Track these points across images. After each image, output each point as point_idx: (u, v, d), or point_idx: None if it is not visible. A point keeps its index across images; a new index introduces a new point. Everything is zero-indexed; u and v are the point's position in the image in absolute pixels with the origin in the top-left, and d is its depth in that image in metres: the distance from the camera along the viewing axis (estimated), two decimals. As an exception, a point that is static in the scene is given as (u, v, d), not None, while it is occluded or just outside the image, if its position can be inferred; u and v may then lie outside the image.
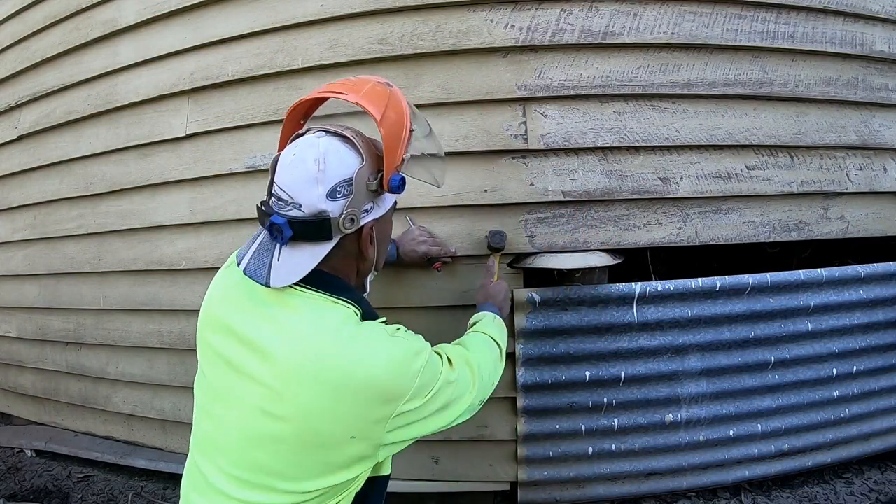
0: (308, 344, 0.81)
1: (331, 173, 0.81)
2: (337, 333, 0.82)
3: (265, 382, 0.81)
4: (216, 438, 0.89)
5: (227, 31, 1.78)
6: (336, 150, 0.83)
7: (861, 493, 1.79)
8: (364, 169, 0.84)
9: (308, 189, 0.80)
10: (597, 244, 1.57)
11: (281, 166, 0.84)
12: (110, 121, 2.03)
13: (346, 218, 0.82)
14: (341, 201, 0.82)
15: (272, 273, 0.81)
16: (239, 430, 0.84)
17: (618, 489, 1.73)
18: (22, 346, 2.43)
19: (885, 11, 1.72)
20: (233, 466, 0.85)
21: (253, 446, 0.83)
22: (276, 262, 0.82)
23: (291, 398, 0.80)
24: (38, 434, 2.40)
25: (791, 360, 1.69)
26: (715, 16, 1.59)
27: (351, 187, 0.82)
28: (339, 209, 0.82)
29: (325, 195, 0.81)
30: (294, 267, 0.82)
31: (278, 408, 0.80)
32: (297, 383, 0.80)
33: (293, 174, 0.82)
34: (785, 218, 1.65)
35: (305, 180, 0.81)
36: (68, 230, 2.16)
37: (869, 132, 1.71)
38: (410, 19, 1.60)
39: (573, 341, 1.60)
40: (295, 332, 0.82)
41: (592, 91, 1.56)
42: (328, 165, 0.81)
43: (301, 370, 0.80)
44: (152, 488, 2.09)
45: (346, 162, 0.83)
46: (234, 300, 0.89)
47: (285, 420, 0.80)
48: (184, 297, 1.92)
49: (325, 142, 0.84)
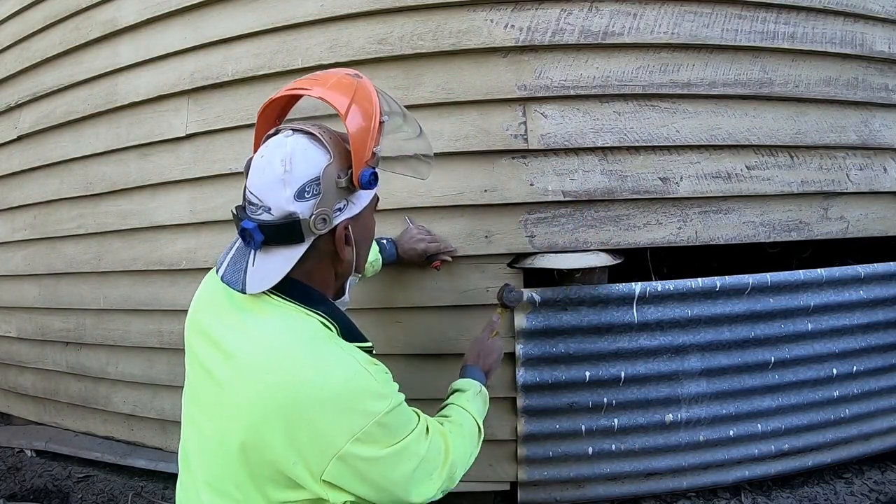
0: (269, 351, 0.78)
1: (297, 173, 0.78)
2: (300, 345, 0.79)
3: (225, 389, 0.80)
4: (197, 446, 0.87)
5: (227, 31, 1.78)
6: (303, 150, 0.81)
7: (861, 493, 1.79)
8: (332, 167, 0.81)
9: (276, 191, 0.78)
10: (597, 244, 1.57)
11: (252, 169, 0.83)
12: (110, 121, 2.03)
13: (317, 218, 0.79)
14: (310, 202, 0.79)
15: (247, 279, 0.80)
16: (214, 437, 0.82)
17: (618, 489, 1.73)
18: (22, 346, 2.43)
19: (885, 11, 1.72)
20: (211, 475, 0.83)
21: (226, 454, 0.80)
22: (250, 268, 0.80)
23: (241, 406, 0.78)
24: (38, 434, 2.40)
25: (791, 360, 1.69)
26: (715, 16, 1.59)
27: (319, 186, 0.79)
28: (308, 210, 0.79)
29: (293, 196, 0.78)
30: (268, 273, 0.80)
31: (230, 417, 0.79)
32: (248, 391, 0.77)
33: (261, 177, 0.80)
34: (785, 218, 1.65)
35: (273, 182, 0.79)
36: (68, 230, 2.16)
37: (869, 132, 1.71)
38: (410, 19, 1.60)
39: (573, 341, 1.60)
40: (259, 337, 0.80)
41: (592, 91, 1.56)
42: (294, 166, 0.78)
43: (254, 374, 0.77)
44: (152, 488, 2.08)
45: (312, 160, 0.80)
46: (215, 305, 0.88)
47: (233, 424, 0.78)
48: (184, 297, 1.92)
49: (291, 141, 0.81)
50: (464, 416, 1.03)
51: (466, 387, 1.12)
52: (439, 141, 1.58)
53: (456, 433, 0.96)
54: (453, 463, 0.91)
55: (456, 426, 0.98)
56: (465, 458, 0.96)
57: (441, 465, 0.89)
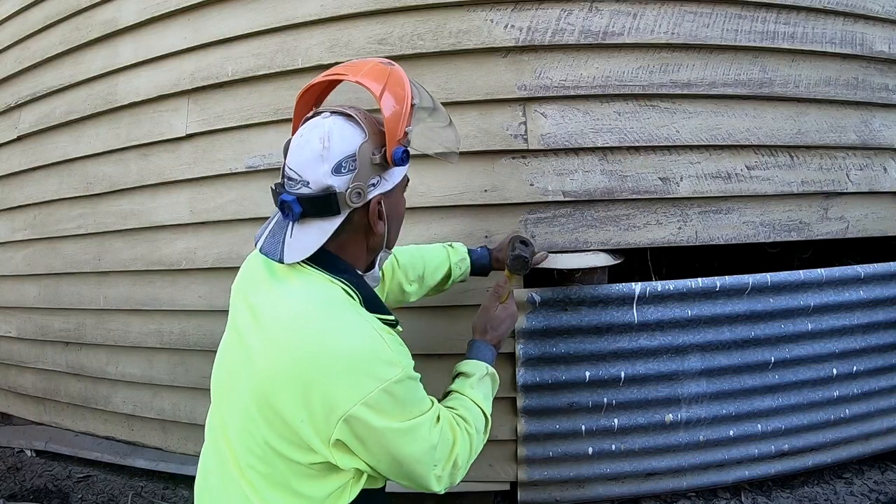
0: (291, 313, 0.84)
1: (335, 150, 0.84)
2: (319, 308, 0.83)
3: (251, 349, 0.85)
4: (224, 409, 0.92)
5: (227, 31, 1.78)
6: (340, 128, 0.86)
7: (861, 493, 1.79)
8: (367, 144, 0.86)
9: (314, 167, 0.84)
10: (597, 244, 1.57)
11: (291, 149, 0.88)
12: (110, 121, 2.03)
13: (353, 192, 0.84)
14: (346, 176, 0.84)
15: (285, 249, 0.85)
16: (238, 398, 0.87)
17: (618, 489, 1.73)
18: (22, 346, 2.43)
19: (885, 11, 1.72)
20: (237, 437, 0.87)
21: (247, 414, 0.85)
22: (288, 239, 0.85)
23: (260, 364, 0.83)
24: (38, 434, 2.40)
25: (791, 360, 1.69)
26: (715, 16, 1.59)
27: (355, 162, 0.85)
28: (344, 184, 0.84)
29: (331, 171, 0.83)
30: (305, 243, 0.85)
31: (251, 374, 0.84)
32: (269, 351, 0.83)
33: (301, 154, 0.85)
34: (785, 218, 1.65)
35: (311, 159, 0.84)
36: (68, 230, 2.16)
37: (869, 132, 1.71)
38: (410, 19, 1.60)
39: (573, 341, 1.60)
40: (285, 302, 0.85)
41: (592, 91, 1.56)
42: (332, 143, 0.84)
43: (275, 338, 0.83)
44: (152, 488, 2.08)
45: (349, 138, 0.85)
46: (256, 277, 0.94)
47: (252, 388, 0.83)
48: (183, 297, 1.92)
49: (329, 121, 0.87)
50: (469, 408, 1.01)
51: (471, 370, 1.08)
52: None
53: (462, 427, 0.96)
54: (457, 459, 0.92)
55: (461, 420, 0.97)
56: (469, 454, 0.96)
57: (446, 458, 0.90)
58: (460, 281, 1.40)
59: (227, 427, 0.90)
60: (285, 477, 0.84)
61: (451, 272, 1.35)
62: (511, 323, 1.20)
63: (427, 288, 1.34)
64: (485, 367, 1.09)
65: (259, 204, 1.76)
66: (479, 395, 1.04)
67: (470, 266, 1.38)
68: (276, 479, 0.84)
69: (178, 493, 2.04)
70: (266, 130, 1.75)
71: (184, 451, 2.06)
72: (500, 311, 1.19)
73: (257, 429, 0.83)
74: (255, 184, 1.77)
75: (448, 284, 1.38)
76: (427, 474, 0.87)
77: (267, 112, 1.74)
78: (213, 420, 0.95)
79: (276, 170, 1.74)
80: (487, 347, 1.14)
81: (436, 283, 1.34)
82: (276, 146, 1.73)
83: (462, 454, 0.93)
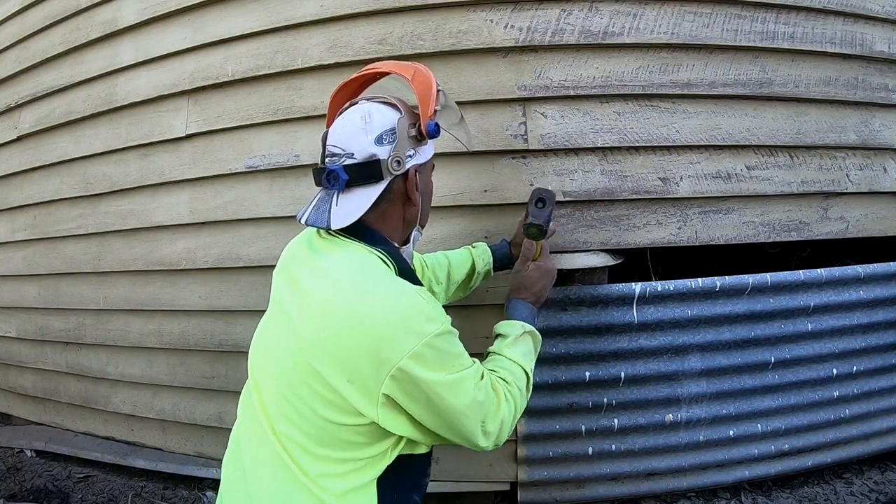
0: (330, 280, 0.88)
1: (376, 124, 0.93)
2: (359, 273, 0.88)
3: (292, 318, 0.90)
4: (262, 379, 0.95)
5: (227, 31, 1.78)
6: (378, 109, 0.95)
7: (861, 493, 1.79)
8: (403, 119, 0.95)
9: (358, 138, 0.92)
10: (597, 244, 1.57)
11: (331, 132, 0.96)
12: (110, 121, 2.03)
13: (393, 160, 0.92)
14: (387, 146, 0.92)
15: (332, 217, 0.91)
16: (277, 367, 0.90)
17: (618, 489, 1.73)
18: (22, 346, 2.43)
19: (885, 11, 1.72)
20: (275, 405, 0.90)
21: (287, 380, 0.88)
22: (334, 208, 0.91)
23: (303, 331, 0.87)
24: (38, 434, 2.40)
25: (791, 360, 1.69)
26: (715, 16, 1.59)
27: (395, 134, 0.93)
28: (386, 153, 0.92)
29: (374, 141, 0.92)
30: (350, 209, 0.91)
31: (293, 342, 0.88)
32: (311, 317, 0.87)
33: (343, 131, 0.94)
34: (785, 218, 1.65)
35: (355, 132, 0.92)
36: (68, 230, 2.16)
37: (869, 132, 1.71)
38: (410, 19, 1.60)
39: (573, 341, 1.60)
40: (325, 270, 0.90)
41: (592, 91, 1.56)
42: (372, 118, 0.93)
43: (318, 305, 0.87)
44: (152, 488, 2.08)
45: (387, 115, 0.95)
46: (299, 255, 0.99)
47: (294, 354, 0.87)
48: (183, 298, 1.92)
49: (367, 105, 0.96)
50: (509, 367, 1.03)
51: (507, 331, 1.09)
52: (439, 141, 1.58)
53: (503, 387, 0.98)
54: (504, 417, 0.95)
55: (502, 381, 0.99)
56: (514, 413, 0.98)
57: (493, 415, 0.93)
58: (484, 276, 1.40)
59: (264, 398, 0.92)
60: (327, 443, 0.86)
61: (474, 266, 1.37)
62: (548, 280, 1.19)
63: (455, 285, 1.35)
64: (520, 326, 1.09)
65: (259, 204, 1.76)
66: (517, 353, 1.05)
67: (492, 258, 1.39)
68: (317, 447, 0.86)
69: (178, 493, 2.04)
70: (266, 130, 1.75)
71: (184, 451, 2.06)
72: (533, 270, 1.19)
73: (299, 397, 0.86)
74: (255, 184, 1.77)
75: (474, 281, 1.39)
76: (474, 429, 0.90)
77: (267, 112, 1.74)
78: (249, 395, 0.98)
79: (276, 170, 1.74)
80: (524, 305, 1.14)
81: (462, 278, 1.36)
82: (276, 146, 1.73)
83: (507, 413, 0.95)
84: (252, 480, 0.90)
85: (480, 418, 0.91)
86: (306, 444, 0.86)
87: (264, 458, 0.89)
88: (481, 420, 0.91)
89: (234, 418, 1.00)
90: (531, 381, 1.06)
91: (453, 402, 0.86)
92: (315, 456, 0.86)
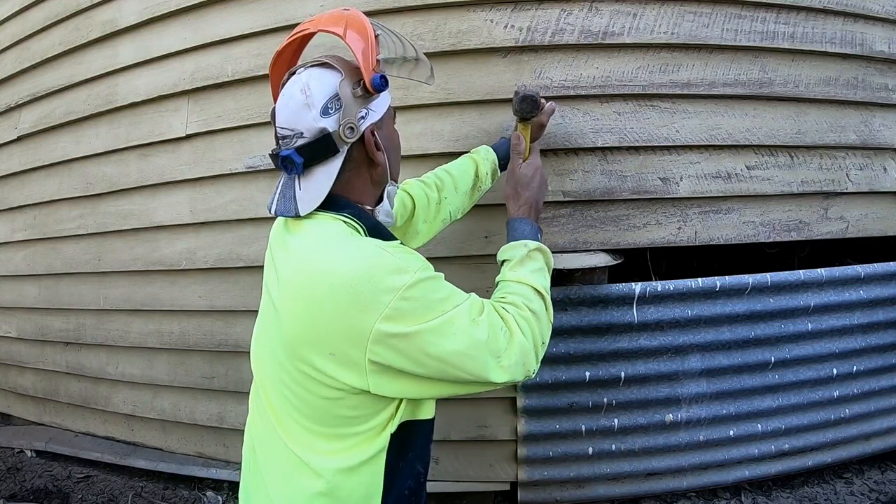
0: (300, 258, 0.86)
1: (317, 95, 0.87)
2: (319, 245, 0.85)
3: (276, 304, 0.88)
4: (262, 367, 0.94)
5: (227, 31, 1.78)
6: (316, 76, 0.89)
7: (861, 493, 1.79)
8: (345, 81, 0.89)
9: (303, 116, 0.87)
10: (597, 244, 1.57)
11: (277, 110, 0.91)
12: (110, 121, 2.03)
13: (345, 128, 0.87)
14: (335, 115, 0.87)
15: (298, 203, 0.88)
16: (272, 356, 0.90)
17: (618, 489, 1.73)
18: (22, 346, 2.43)
19: (885, 11, 1.72)
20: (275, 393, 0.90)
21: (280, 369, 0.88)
22: (298, 193, 0.88)
23: (283, 316, 0.85)
24: (38, 434, 2.40)
25: (791, 360, 1.69)
26: (715, 16, 1.59)
27: (339, 101, 0.88)
28: (335, 123, 0.87)
29: (319, 114, 0.87)
30: (315, 192, 0.88)
31: (279, 331, 0.86)
32: (287, 299, 0.85)
33: (287, 110, 0.89)
34: (785, 218, 1.65)
35: (298, 110, 0.87)
36: (68, 230, 2.16)
37: (869, 132, 1.71)
38: (410, 19, 1.60)
39: (573, 341, 1.60)
40: (295, 250, 0.88)
41: (592, 91, 1.56)
42: (312, 90, 0.87)
43: (291, 285, 0.85)
44: (152, 488, 2.08)
45: (327, 81, 0.89)
46: (277, 239, 0.97)
47: (283, 342, 0.85)
48: (184, 298, 1.92)
49: (304, 74, 0.90)
50: (516, 291, 0.96)
51: (509, 255, 1.03)
52: (439, 141, 1.58)
53: (512, 313, 0.91)
54: (522, 346, 0.87)
55: (510, 306, 0.93)
56: (533, 336, 0.91)
57: (506, 347, 0.86)
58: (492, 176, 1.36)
59: (266, 388, 0.92)
60: (327, 422, 0.85)
61: (478, 171, 1.33)
62: (541, 177, 1.16)
63: (463, 196, 1.31)
64: (522, 245, 1.03)
65: (259, 204, 1.76)
66: (524, 273, 0.99)
67: (496, 157, 1.37)
68: (317, 426, 0.86)
69: (178, 493, 2.04)
70: (266, 130, 1.74)
71: (184, 451, 2.06)
72: (525, 168, 1.16)
73: (295, 381, 0.85)
74: (255, 184, 1.77)
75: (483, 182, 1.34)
76: (484, 366, 0.83)
77: (267, 112, 1.70)
78: (255, 388, 0.98)
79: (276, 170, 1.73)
80: (523, 222, 1.10)
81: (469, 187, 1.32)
82: (276, 146, 1.73)
83: (525, 341, 0.88)
84: (264, 466, 0.92)
85: (491, 354, 0.83)
86: (307, 425, 0.86)
87: (272, 444, 0.90)
88: (494, 356, 0.84)
89: (234, 418, 1.01)
90: (548, 299, 0.98)
91: (449, 346, 0.80)
92: (317, 434, 0.86)
